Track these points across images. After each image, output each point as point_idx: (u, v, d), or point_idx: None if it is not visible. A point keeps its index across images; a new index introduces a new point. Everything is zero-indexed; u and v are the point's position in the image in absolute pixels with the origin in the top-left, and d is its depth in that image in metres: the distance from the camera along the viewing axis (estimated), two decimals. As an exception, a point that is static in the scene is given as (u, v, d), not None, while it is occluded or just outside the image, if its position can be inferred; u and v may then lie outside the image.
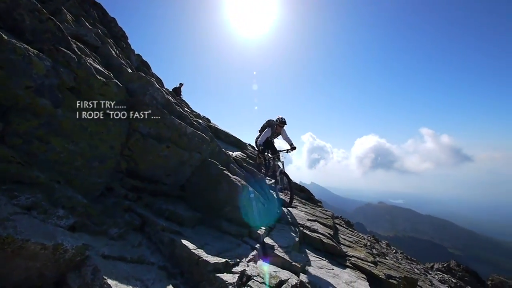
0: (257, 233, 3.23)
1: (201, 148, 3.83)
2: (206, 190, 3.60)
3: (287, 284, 2.30)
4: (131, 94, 3.35)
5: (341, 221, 7.64)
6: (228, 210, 3.39)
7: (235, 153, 7.16)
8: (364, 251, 4.58)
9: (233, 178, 3.63)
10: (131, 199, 2.93)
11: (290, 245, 3.28)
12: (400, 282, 3.83)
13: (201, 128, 4.50)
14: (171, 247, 2.43)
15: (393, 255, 13.69)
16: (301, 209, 5.51)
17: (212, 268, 2.22)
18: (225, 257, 2.44)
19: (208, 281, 2.14)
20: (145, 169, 3.28)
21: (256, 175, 4.87)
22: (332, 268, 3.41)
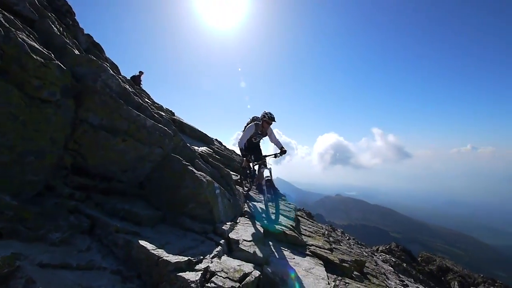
0: (222, 229, 3.21)
1: (163, 142, 3.60)
2: (168, 187, 3.41)
3: (250, 277, 2.35)
4: (79, 80, 2.94)
5: (302, 213, 8.13)
6: (192, 207, 3.28)
7: (200, 148, 6.95)
8: (322, 239, 4.96)
9: (198, 174, 3.52)
10: (78, 198, 2.60)
11: (254, 239, 3.35)
12: (351, 264, 4.27)
13: (163, 121, 4.23)
14: (126, 249, 2.24)
15: (347, 241, 15.20)
16: (266, 203, 5.66)
17: (173, 267, 2.13)
18: (188, 255, 2.37)
19: (168, 281, 2.04)
20: (96, 165, 2.93)
21: (222, 170, 4.81)
22: (293, 258, 3.61)
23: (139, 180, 3.46)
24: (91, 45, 5.87)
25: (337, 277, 3.54)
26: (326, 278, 3.20)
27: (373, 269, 5.64)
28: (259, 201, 5.47)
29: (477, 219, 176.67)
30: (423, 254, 22.43)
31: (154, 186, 3.44)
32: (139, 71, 13.94)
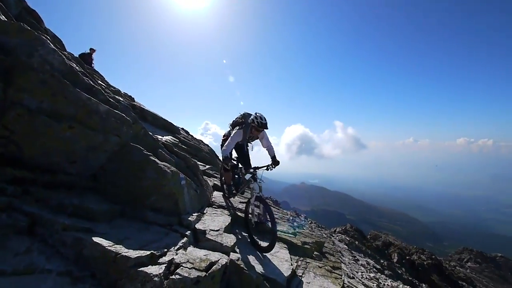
0: (188, 220, 3.13)
1: (120, 130, 3.26)
2: (127, 179, 3.14)
3: (217, 265, 2.37)
4: (8, 53, 2.43)
5: (269, 201, 8.44)
6: (155, 199, 3.11)
7: (165, 138, 6.55)
8: (287, 225, 5.25)
9: (161, 164, 3.32)
10: (12, 194, 2.22)
11: (221, 228, 3.36)
12: (312, 246, 4.64)
13: (120, 106, 3.83)
14: (77, 247, 2.03)
15: (309, 225, 16.45)
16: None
17: (134, 262, 2.01)
18: (150, 249, 2.26)
19: (128, 277, 1.93)
20: (35, 155, 2.53)
21: (189, 160, 4.63)
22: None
23: (92, 172, 3.11)
24: (25, 12, 4.86)
25: (299, 258, 3.82)
26: (290, 259, 3.43)
27: (331, 248, 6.23)
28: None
29: (414, 200, 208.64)
30: (372, 232, 25.68)
31: (111, 178, 3.13)
32: (90, 48, 12.21)
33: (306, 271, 3.43)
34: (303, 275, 3.29)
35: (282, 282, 2.78)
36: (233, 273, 2.58)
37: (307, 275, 3.33)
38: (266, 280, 2.72)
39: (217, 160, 9.15)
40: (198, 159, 7.58)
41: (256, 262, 3.06)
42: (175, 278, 2.03)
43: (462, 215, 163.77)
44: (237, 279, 2.57)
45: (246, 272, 2.56)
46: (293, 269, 3.20)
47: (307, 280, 3.18)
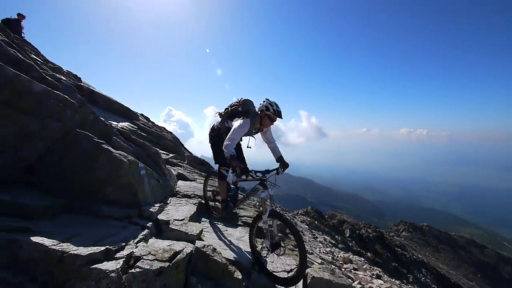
0: (149, 212, 2.97)
1: (62, 114, 2.83)
2: (74, 171, 2.78)
3: (181, 254, 2.33)
4: None
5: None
6: (110, 191, 2.84)
7: (121, 124, 5.95)
8: (253, 210, 5.42)
9: (116, 153, 3.01)
10: None
11: (187, 217, 3.28)
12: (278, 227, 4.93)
13: (62, 87, 3.29)
14: (11, 250, 1.75)
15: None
16: (200, 182, 5.58)
17: (85, 260, 1.84)
18: (105, 244, 2.09)
19: (79, 277, 1.76)
20: None
21: (149, 149, 4.32)
22: (226, 230, 3.81)
23: (27, 163, 2.65)
24: None
25: (265, 240, 4.02)
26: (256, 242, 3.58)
27: (293, 229, 6.71)
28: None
29: (364, 183, 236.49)
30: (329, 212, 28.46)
31: (52, 170, 2.73)
32: (17, 14, 10.03)
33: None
34: (267, 256, 3.49)
35: (248, 264, 2.90)
36: (198, 260, 2.58)
37: (271, 255, 3.54)
38: (232, 264, 2.80)
39: (182, 148, 8.77)
40: (161, 147, 7.14)
41: (223, 248, 3.11)
42: (134, 271, 1.94)
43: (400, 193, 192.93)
44: (203, 266, 2.58)
45: (212, 258, 2.58)
46: (258, 251, 3.35)
47: (271, 260, 3.37)
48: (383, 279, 8.46)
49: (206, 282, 2.46)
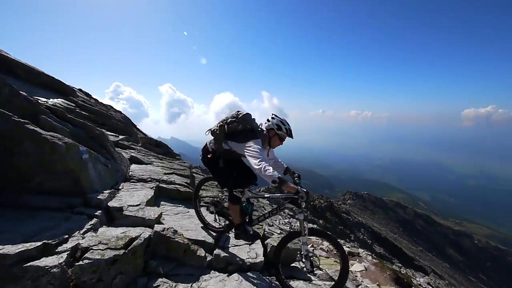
0: (97, 199, 2.67)
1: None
2: (-12, 156, 2.25)
3: (138, 240, 2.21)
4: None
5: (198, 170, 8.36)
6: (42, 179, 2.43)
7: (52, 101, 4.97)
8: (215, 190, 5.44)
9: (46, 135, 2.54)
10: None
11: (143, 202, 3.09)
12: (239, 206, 5.11)
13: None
14: None
15: (237, 188, 17.85)
16: (157, 165, 5.24)
17: (16, 259, 1.59)
18: (42, 239, 1.83)
19: (10, 278, 1.52)
20: None
21: (92, 130, 3.76)
22: (188, 211, 3.75)
23: None
24: None
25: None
26: (218, 220, 3.64)
27: (255, 205, 7.05)
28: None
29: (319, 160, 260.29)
30: (289, 188, 30.58)
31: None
32: None
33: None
34: (230, 232, 3.61)
35: (211, 241, 2.95)
36: (159, 244, 2.50)
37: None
38: (195, 243, 2.81)
39: (134, 130, 7.97)
40: (108, 128, 6.34)
41: (185, 229, 3.08)
42: (83, 263, 1.77)
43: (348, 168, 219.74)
44: (164, 248, 2.53)
45: (173, 240, 2.53)
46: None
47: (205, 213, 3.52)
48: (268, 220, 9.90)
49: (168, 263, 2.43)
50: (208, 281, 2.33)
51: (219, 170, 2.66)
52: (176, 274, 2.35)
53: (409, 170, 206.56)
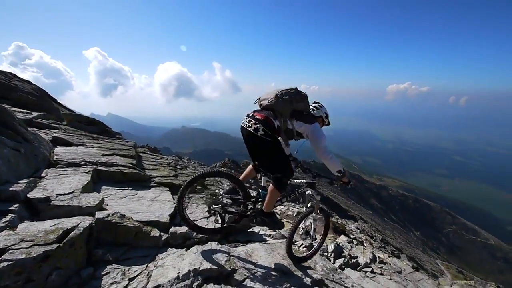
0: (9, 191, 2.17)
1: None
2: None
3: (76, 230, 1.95)
4: None
5: (145, 149, 7.65)
6: None
7: None
8: (167, 169, 5.13)
9: None
10: None
11: (78, 189, 2.67)
12: (194, 182, 5.01)
13: None
14: None
15: (193, 165, 17.35)
16: (91, 146, 4.51)
17: None
18: None
19: None
20: None
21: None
22: (136, 193, 3.46)
23: None
24: None
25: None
26: (172, 200, 3.51)
27: (212, 180, 7.07)
28: None
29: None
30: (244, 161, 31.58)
31: None
32: None
33: (189, 204, 3.72)
34: (187, 208, 3.56)
35: (166, 220, 2.85)
36: (104, 231, 2.27)
37: (190, 207, 3.64)
38: (148, 224, 2.67)
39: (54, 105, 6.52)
40: (13, 104, 4.98)
41: (135, 212, 2.86)
42: (1, 266, 1.47)
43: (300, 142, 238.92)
44: (110, 235, 2.31)
45: (121, 225, 2.33)
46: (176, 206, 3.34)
47: (190, 211, 3.49)
48: (283, 204, 10.93)
49: (117, 249, 2.26)
50: (165, 259, 2.29)
51: (279, 152, 2.26)
52: (129, 258, 2.22)
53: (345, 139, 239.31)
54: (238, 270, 2.31)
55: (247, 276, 2.25)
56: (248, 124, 2.18)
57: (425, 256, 29.68)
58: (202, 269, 2.16)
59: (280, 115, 2.18)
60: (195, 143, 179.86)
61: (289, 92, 2.20)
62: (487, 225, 68.40)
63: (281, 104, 2.15)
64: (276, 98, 2.15)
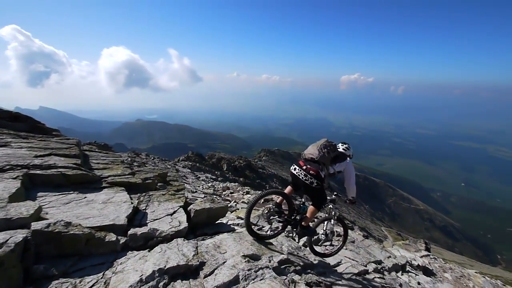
0: None
1: None
2: None
3: (5, 247, 1.63)
4: None
5: (92, 147, 6.75)
6: None
7: None
8: (121, 167, 4.66)
9: None
10: None
11: (3, 198, 2.23)
12: (155, 178, 4.66)
13: None
14: None
15: (152, 161, 16.17)
16: (19, 146, 3.76)
17: None
18: None
19: None
20: None
21: None
22: (84, 197, 3.07)
23: None
24: None
25: (141, 194, 3.72)
26: (129, 199, 3.22)
27: (174, 175, 6.71)
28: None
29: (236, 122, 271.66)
30: (209, 153, 30.85)
31: None
32: None
33: (150, 203, 3.47)
34: (147, 207, 3.32)
35: (123, 222, 2.62)
36: (44, 244, 1.96)
37: (151, 206, 3.40)
38: (102, 229, 2.41)
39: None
40: None
41: (84, 218, 2.54)
42: None
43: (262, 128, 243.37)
44: (54, 247, 2.01)
45: (67, 234, 2.04)
46: (135, 206, 3.08)
47: (151, 210, 3.26)
48: (250, 193, 11.16)
49: (65, 261, 1.99)
50: (125, 263, 2.12)
51: (322, 191, 3.04)
52: (80, 269, 1.98)
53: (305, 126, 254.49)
54: (207, 262, 2.30)
55: (216, 267, 2.25)
56: (305, 177, 2.91)
57: (373, 225, 34.46)
58: (168, 267, 2.08)
59: (324, 165, 2.98)
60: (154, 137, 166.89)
61: (326, 146, 3.02)
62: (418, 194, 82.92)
63: (324, 157, 2.95)
64: (320, 153, 2.95)
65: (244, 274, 2.20)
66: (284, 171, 43.46)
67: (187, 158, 23.78)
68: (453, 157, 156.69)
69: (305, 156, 3.09)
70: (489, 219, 77.81)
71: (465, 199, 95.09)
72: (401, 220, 62.90)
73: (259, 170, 31.25)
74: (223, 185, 13.72)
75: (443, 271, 7.05)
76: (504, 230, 71.06)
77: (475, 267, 14.77)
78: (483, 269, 15.09)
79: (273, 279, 2.20)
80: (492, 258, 55.76)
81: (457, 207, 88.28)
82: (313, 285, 2.39)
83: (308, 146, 3.18)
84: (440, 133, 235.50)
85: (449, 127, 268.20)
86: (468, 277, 7.08)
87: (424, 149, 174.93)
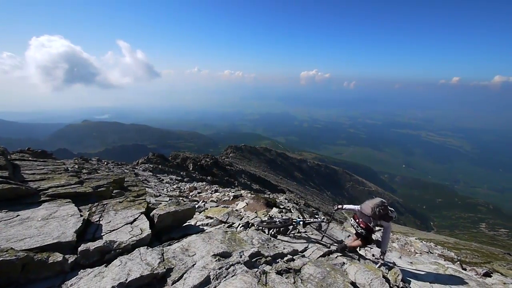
0: None
1: None
2: None
3: None
4: None
5: (24, 155, 5.70)
6: None
7: None
8: (65, 176, 4.05)
9: None
10: None
11: None
12: (109, 186, 4.19)
13: None
14: None
15: (105, 166, 14.52)
16: None
17: None
18: None
19: None
20: None
21: None
22: (17, 215, 2.59)
23: None
24: None
25: (93, 205, 3.31)
26: (78, 212, 2.84)
27: (133, 180, 6.15)
28: None
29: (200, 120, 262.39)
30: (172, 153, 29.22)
31: None
32: None
33: (104, 213, 3.11)
34: (102, 218, 2.97)
35: (70, 238, 2.29)
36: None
37: (107, 216, 3.06)
38: (43, 250, 2.07)
39: None
40: None
41: (18, 239, 2.15)
42: None
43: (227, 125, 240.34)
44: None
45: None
46: (85, 219, 2.73)
47: (107, 221, 2.93)
48: (219, 191, 10.98)
49: (-6, 295, 1.65)
50: (76, 284, 1.87)
51: (369, 237, 3.85)
52: (16, 300, 1.67)
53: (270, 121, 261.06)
54: (175, 268, 2.18)
55: (185, 271, 2.16)
56: (360, 230, 3.82)
57: (335, 209, 37.66)
58: (130, 280, 1.91)
59: (373, 219, 3.72)
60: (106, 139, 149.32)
61: (378, 205, 3.62)
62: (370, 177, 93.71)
63: (376, 215, 3.63)
64: (372, 212, 3.61)
65: (215, 273, 2.16)
66: (252, 166, 44.02)
67: (147, 160, 22.07)
68: (395, 143, 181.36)
69: (361, 210, 3.91)
70: (424, 193, 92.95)
71: (406, 178, 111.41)
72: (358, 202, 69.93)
73: (227, 167, 30.96)
74: (189, 186, 13.19)
75: (391, 241, 8.16)
76: (435, 201, 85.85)
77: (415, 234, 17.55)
78: (421, 235, 18.04)
79: (245, 273, 2.22)
80: (428, 225, 66.91)
81: (401, 186, 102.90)
82: (283, 273, 2.49)
83: (365, 202, 3.96)
84: (384, 122, 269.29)
85: (392, 117, 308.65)
86: (411, 244, 8.37)
87: (373, 137, 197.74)
